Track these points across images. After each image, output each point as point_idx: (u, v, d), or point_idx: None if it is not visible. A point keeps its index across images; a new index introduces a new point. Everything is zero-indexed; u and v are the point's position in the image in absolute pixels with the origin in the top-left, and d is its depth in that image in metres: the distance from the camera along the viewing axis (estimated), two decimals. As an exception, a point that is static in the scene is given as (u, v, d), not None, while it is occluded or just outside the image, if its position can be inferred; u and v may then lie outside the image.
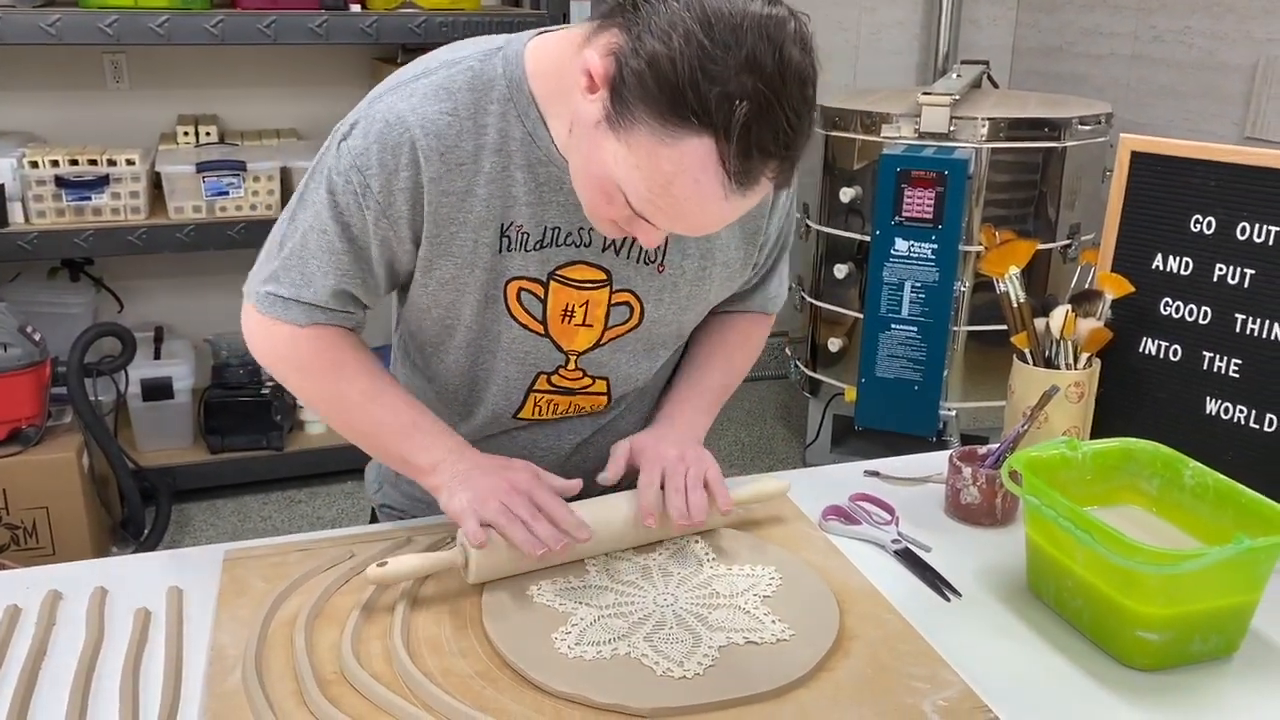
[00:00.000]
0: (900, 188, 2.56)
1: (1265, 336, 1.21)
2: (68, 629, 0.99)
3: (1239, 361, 1.23)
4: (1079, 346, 1.27)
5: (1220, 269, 1.24)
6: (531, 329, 1.10)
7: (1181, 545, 1.04)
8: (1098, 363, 1.29)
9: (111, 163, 2.60)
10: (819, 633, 0.96)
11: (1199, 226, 1.26)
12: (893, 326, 2.66)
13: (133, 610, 1.01)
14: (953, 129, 2.64)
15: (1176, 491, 1.08)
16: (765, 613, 0.99)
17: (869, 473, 1.32)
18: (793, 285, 3.10)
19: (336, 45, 2.73)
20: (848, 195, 2.79)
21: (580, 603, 1.00)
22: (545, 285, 1.08)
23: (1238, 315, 1.23)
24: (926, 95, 2.66)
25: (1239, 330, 1.23)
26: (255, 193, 2.71)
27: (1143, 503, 1.11)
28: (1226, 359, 1.24)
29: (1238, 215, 1.23)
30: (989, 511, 1.20)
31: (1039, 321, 1.29)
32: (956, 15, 3.51)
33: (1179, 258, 1.28)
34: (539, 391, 1.15)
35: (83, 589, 1.04)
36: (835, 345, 2.95)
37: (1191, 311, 1.27)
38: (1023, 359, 1.29)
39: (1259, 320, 1.21)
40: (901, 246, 2.61)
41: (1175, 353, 1.28)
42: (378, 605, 1.00)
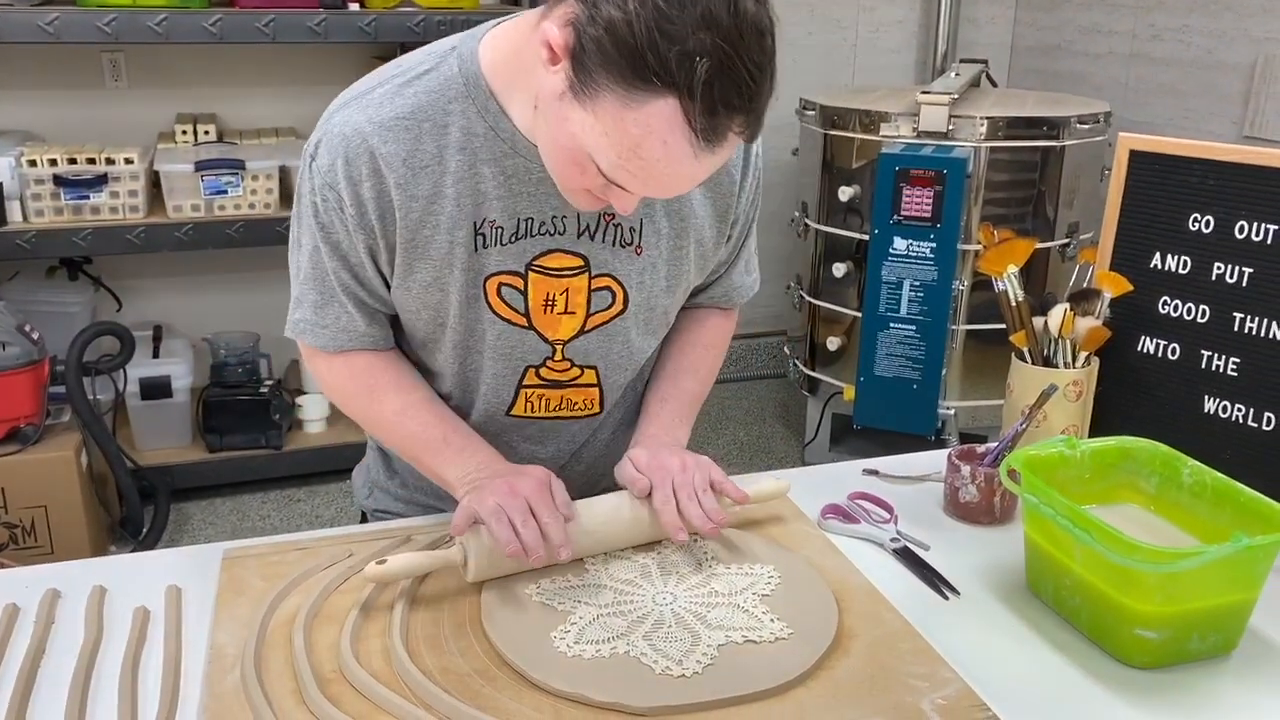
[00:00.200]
0: (899, 186, 2.56)
1: (1263, 335, 1.21)
2: (67, 628, 0.99)
3: (1237, 360, 1.23)
4: (1077, 345, 1.27)
5: (1219, 268, 1.24)
6: (515, 322, 1.10)
7: (1180, 544, 1.05)
8: (1096, 361, 1.29)
9: (110, 161, 2.60)
10: (818, 631, 0.97)
11: (1197, 225, 1.26)
12: (891, 325, 2.66)
13: (131, 609, 1.01)
14: (951, 128, 2.64)
15: (1175, 490, 1.08)
16: (764, 611, 0.99)
17: (868, 471, 1.32)
18: (791, 284, 3.10)
19: (335, 44, 2.72)
20: (846, 194, 2.79)
21: (579, 601, 1.00)
22: (524, 277, 1.08)
23: (1236, 314, 1.23)
24: (925, 94, 2.66)
25: (1237, 329, 1.23)
26: (254, 192, 2.70)
27: (1141, 501, 1.11)
28: (1225, 358, 1.24)
29: (1236, 214, 1.23)
30: (988, 510, 1.20)
31: (1037, 320, 1.29)
32: (955, 14, 3.51)
33: (1177, 256, 1.28)
34: (529, 387, 1.15)
35: (81, 588, 1.04)
36: (834, 344, 2.95)
37: (1190, 310, 1.27)
38: (1021, 358, 1.29)
39: (1257, 319, 1.21)
40: (900, 245, 2.61)
41: (1174, 351, 1.28)
42: (377, 604, 1.00)
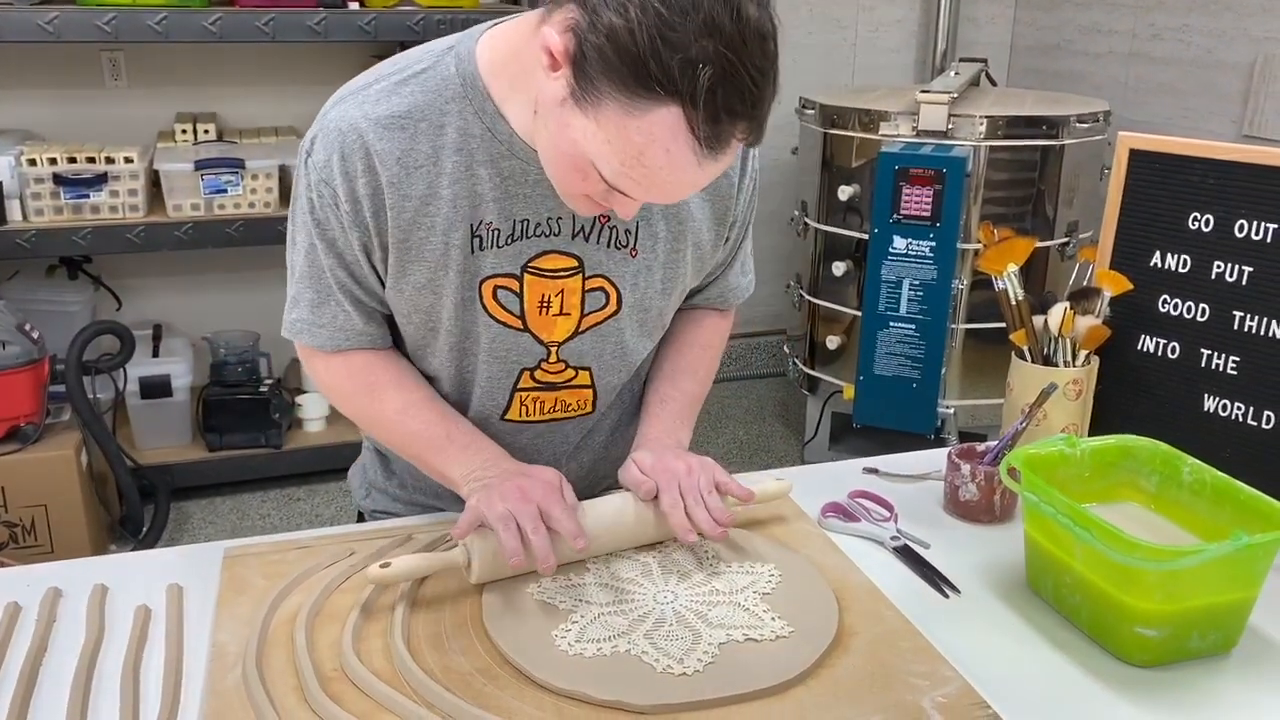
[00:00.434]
0: (898, 185, 2.56)
1: (1263, 334, 1.21)
2: (68, 626, 0.99)
3: (1237, 359, 1.23)
4: (1077, 344, 1.27)
5: (1218, 266, 1.24)
6: (510, 325, 1.10)
7: (1180, 542, 1.05)
8: (1096, 360, 1.30)
9: (110, 161, 2.59)
10: (818, 630, 0.97)
11: (1197, 224, 1.26)
12: (891, 324, 2.66)
13: (133, 607, 1.01)
14: (951, 127, 2.64)
15: (1175, 488, 1.08)
16: (765, 610, 0.99)
17: (868, 470, 1.33)
18: (790, 283, 3.10)
19: (335, 43, 2.73)
20: (846, 193, 2.79)
21: (580, 600, 1.00)
22: (520, 279, 1.08)
23: (1236, 312, 1.23)
24: (925, 93, 2.66)
25: (1237, 327, 1.23)
26: (254, 191, 2.70)
27: (1141, 500, 1.11)
28: (1225, 356, 1.24)
29: (1236, 213, 1.23)
30: (988, 508, 1.20)
31: (1037, 319, 1.29)
32: (955, 13, 3.51)
33: (1177, 255, 1.28)
34: (524, 390, 1.14)
35: (83, 586, 1.04)
36: (834, 343, 2.95)
37: (1190, 309, 1.27)
38: (1021, 356, 1.29)
39: (1257, 318, 1.21)
40: (900, 244, 2.61)
41: (1173, 350, 1.28)
42: (378, 603, 1.00)
